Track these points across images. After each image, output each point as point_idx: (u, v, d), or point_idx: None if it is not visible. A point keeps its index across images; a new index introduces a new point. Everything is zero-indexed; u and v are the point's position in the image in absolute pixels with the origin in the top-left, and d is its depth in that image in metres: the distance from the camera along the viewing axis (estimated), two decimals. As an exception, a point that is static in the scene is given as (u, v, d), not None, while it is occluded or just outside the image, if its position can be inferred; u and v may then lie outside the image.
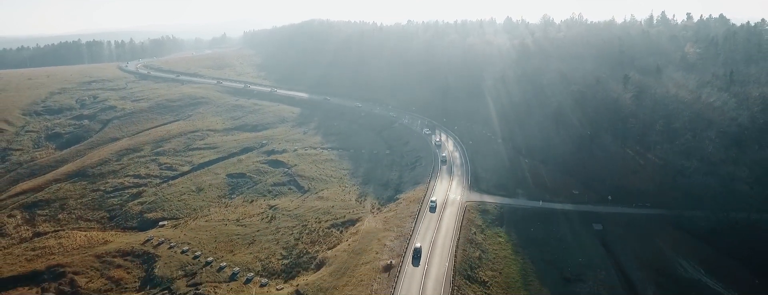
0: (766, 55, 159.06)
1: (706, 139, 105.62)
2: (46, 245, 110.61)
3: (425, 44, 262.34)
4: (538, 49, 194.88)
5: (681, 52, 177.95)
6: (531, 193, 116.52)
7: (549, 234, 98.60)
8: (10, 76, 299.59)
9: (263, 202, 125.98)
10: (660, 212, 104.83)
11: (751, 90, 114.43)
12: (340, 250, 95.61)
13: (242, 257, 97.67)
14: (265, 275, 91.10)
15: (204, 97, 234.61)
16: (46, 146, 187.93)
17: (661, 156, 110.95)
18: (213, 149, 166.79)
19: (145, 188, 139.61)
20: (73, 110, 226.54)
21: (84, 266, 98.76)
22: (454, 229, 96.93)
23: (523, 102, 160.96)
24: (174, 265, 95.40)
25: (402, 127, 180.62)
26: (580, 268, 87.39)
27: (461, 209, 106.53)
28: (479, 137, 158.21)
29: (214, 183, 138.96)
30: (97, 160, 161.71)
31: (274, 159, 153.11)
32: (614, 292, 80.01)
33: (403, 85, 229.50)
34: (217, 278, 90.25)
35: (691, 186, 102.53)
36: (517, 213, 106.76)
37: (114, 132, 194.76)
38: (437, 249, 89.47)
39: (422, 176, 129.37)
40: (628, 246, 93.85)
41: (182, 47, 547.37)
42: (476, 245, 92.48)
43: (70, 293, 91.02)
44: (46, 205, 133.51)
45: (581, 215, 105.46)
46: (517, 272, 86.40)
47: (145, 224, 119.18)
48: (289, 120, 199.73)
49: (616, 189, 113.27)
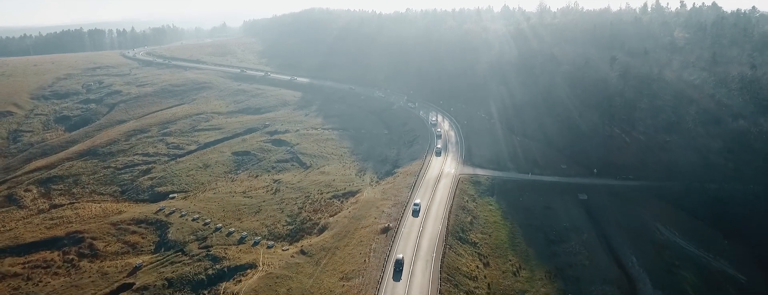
0: (750, 38, 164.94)
1: (687, 115, 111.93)
2: (63, 215, 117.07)
3: (423, 31, 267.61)
4: (532, 34, 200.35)
5: (670, 37, 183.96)
6: (521, 167, 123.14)
7: (536, 203, 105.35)
8: (16, 62, 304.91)
9: (268, 177, 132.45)
10: (642, 183, 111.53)
11: (731, 69, 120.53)
12: (341, 217, 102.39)
13: (249, 223, 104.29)
14: (272, 238, 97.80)
15: (207, 82, 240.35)
16: (55, 128, 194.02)
17: (643, 132, 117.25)
18: (218, 130, 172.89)
19: (154, 165, 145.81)
20: (79, 95, 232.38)
21: (101, 232, 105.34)
22: (448, 197, 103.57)
23: (517, 84, 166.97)
24: (186, 230, 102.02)
25: (400, 109, 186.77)
26: (563, 231, 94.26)
27: (455, 180, 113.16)
28: (474, 118, 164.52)
29: (220, 160, 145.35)
30: (107, 140, 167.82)
31: (277, 139, 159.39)
32: (594, 251, 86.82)
33: (401, 71, 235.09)
34: (227, 242, 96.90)
35: (671, 159, 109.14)
36: (508, 184, 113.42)
37: (121, 115, 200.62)
38: (432, 214, 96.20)
39: (419, 152, 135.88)
40: (610, 213, 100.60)
41: (183, 36, 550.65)
42: (468, 211, 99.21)
43: (89, 255, 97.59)
44: (60, 180, 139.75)
45: (568, 187, 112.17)
46: (505, 235, 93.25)
47: (155, 196, 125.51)
48: (290, 103, 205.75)
49: (601, 164, 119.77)
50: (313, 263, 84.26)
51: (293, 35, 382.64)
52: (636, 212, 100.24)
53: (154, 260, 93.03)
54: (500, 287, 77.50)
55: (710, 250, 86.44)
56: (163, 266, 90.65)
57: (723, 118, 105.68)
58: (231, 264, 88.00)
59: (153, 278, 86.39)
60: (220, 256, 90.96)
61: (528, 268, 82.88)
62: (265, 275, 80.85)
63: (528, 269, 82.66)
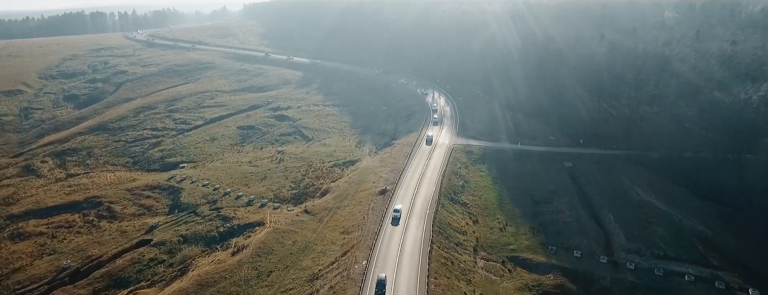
0: (737, 18, 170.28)
1: (668, 87, 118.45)
2: (80, 183, 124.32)
3: (422, 12, 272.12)
4: (528, 14, 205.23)
5: (661, 17, 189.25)
6: (512, 138, 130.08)
7: (525, 170, 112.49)
8: (22, 44, 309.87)
9: (272, 148, 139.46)
10: (624, 152, 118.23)
11: (713, 45, 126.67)
12: (341, 182, 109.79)
13: (256, 189, 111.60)
14: (277, 201, 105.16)
15: (210, 62, 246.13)
16: (64, 106, 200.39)
17: (627, 104, 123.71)
18: (222, 107, 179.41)
19: (163, 138, 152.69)
20: (86, 74, 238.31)
21: (117, 197, 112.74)
22: (442, 164, 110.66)
23: (511, 63, 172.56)
24: (197, 195, 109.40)
25: (398, 87, 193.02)
26: (548, 194, 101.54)
27: (449, 150, 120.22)
28: (469, 94, 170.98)
29: (226, 134, 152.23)
30: (116, 116, 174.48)
31: (280, 114, 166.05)
32: (575, 210, 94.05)
33: (401, 52, 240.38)
34: (236, 204, 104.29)
35: (652, 129, 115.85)
36: (498, 154, 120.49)
37: (127, 93, 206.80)
38: (426, 179, 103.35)
39: (415, 125, 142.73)
40: (592, 178, 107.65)
41: (183, 20, 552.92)
42: (460, 176, 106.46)
43: (108, 217, 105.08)
44: (74, 153, 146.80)
45: (555, 155, 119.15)
46: (494, 197, 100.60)
47: (166, 166, 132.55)
48: (292, 82, 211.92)
49: (588, 135, 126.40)
50: (317, 221, 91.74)
51: (293, 18, 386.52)
52: (616, 177, 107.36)
53: (168, 221, 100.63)
54: (487, 241, 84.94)
55: (682, 209, 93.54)
56: (177, 225, 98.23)
57: (701, 90, 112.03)
58: (240, 222, 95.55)
59: (169, 235, 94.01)
60: (230, 216, 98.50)
61: (513, 225, 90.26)
62: (272, 231, 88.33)
63: (513, 225, 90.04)
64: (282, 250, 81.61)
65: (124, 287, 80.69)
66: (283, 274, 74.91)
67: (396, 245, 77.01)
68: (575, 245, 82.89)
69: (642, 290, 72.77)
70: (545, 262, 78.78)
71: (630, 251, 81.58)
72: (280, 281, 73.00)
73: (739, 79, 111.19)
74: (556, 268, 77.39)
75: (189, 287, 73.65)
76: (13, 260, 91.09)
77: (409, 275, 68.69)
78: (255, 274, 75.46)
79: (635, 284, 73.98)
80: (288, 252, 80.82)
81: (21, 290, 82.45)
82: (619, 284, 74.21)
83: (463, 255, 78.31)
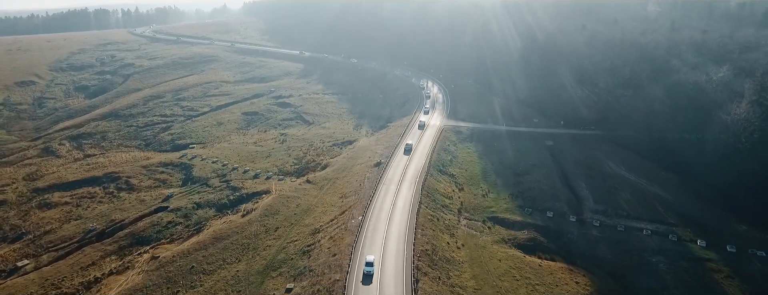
0: (715, 12, 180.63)
1: (641, 72, 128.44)
2: (97, 161, 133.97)
3: (419, 7, 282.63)
4: (519, 8, 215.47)
5: (644, 11, 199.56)
6: (499, 121, 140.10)
7: (509, 147, 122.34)
8: (30, 39, 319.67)
9: (275, 131, 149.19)
10: (601, 132, 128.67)
11: (684, 34, 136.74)
12: (340, 158, 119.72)
13: (262, 164, 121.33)
14: (282, 174, 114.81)
15: (214, 56, 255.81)
16: (75, 96, 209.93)
17: (604, 88, 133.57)
18: (227, 96, 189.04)
19: (172, 123, 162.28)
20: (94, 67, 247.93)
21: (134, 172, 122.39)
22: (432, 142, 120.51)
23: (500, 54, 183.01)
24: (207, 170, 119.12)
25: (394, 77, 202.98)
26: (529, 167, 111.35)
27: (439, 130, 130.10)
28: (460, 83, 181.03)
29: (232, 119, 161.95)
30: (126, 104, 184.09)
31: (282, 102, 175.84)
32: (551, 180, 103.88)
33: (397, 45, 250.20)
34: (244, 177, 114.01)
35: (626, 112, 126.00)
36: (485, 133, 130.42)
37: (135, 84, 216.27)
38: (417, 154, 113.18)
39: (409, 110, 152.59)
40: (570, 154, 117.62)
41: (184, 17, 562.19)
42: (449, 152, 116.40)
43: (127, 189, 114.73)
44: (89, 136, 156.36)
45: (537, 135, 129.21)
46: (479, 170, 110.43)
47: (176, 147, 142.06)
48: (293, 73, 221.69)
49: (568, 118, 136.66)
50: (318, 189, 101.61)
51: (293, 14, 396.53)
52: (592, 153, 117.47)
53: (182, 191, 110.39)
54: (470, 205, 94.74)
55: (648, 179, 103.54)
56: (190, 194, 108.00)
57: (669, 74, 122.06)
58: (248, 191, 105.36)
59: (184, 203, 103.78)
60: (239, 186, 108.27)
61: (495, 192, 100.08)
62: (278, 196, 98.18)
63: (495, 192, 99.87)
64: (287, 211, 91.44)
65: (147, 244, 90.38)
66: (288, 229, 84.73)
67: (389, 205, 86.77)
68: (549, 208, 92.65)
69: (604, 242, 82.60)
70: (521, 221, 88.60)
71: (597, 212, 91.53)
72: (286, 235, 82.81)
73: (707, 64, 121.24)
74: (530, 225, 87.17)
75: (206, 240, 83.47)
76: (43, 224, 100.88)
77: (400, 227, 78.52)
78: (263, 230, 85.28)
79: (598, 237, 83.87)
80: (292, 213, 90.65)
81: (54, 247, 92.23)
82: (585, 237, 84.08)
83: (448, 215, 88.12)
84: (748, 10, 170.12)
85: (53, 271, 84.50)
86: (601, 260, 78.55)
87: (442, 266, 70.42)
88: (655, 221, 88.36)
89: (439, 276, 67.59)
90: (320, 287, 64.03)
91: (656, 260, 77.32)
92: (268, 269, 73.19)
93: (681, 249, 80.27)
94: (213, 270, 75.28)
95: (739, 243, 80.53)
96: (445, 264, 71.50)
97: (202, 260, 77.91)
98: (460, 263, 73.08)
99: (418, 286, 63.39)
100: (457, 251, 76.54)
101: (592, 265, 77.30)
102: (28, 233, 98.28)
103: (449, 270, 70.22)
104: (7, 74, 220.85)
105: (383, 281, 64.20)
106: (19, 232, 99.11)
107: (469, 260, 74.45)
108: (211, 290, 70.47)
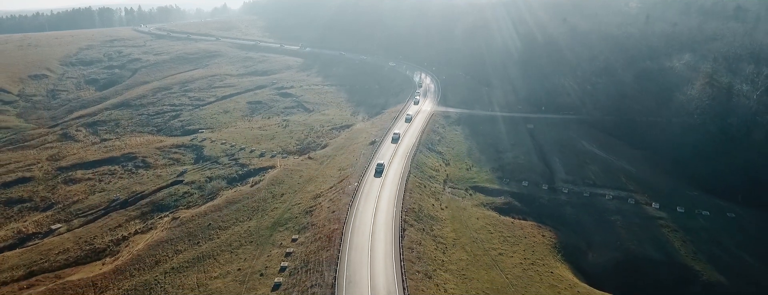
0: (691, 8, 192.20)
1: (616, 61, 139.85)
2: (114, 144, 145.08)
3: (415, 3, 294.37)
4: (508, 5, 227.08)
5: (627, 7, 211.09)
6: (485, 107, 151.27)
7: (493, 129, 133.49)
8: (38, 36, 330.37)
9: (278, 118, 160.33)
10: (577, 117, 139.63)
11: (656, 27, 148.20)
12: (338, 139, 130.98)
13: (266, 145, 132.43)
14: (285, 153, 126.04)
15: (217, 51, 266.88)
16: (86, 88, 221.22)
17: (581, 76, 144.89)
18: (232, 87, 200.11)
19: (181, 112, 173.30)
20: (102, 62, 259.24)
21: (149, 153, 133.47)
22: (423, 125, 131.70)
23: (488, 47, 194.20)
24: (217, 150, 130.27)
25: (390, 70, 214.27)
26: (510, 146, 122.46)
27: (430, 115, 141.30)
28: (451, 74, 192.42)
29: (237, 107, 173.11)
30: (136, 95, 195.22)
31: (284, 92, 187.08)
32: (529, 156, 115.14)
33: (394, 40, 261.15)
34: (251, 156, 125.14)
35: (601, 96, 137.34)
36: (472, 118, 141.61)
37: (143, 77, 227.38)
38: (408, 135, 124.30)
39: (403, 99, 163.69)
40: (548, 135, 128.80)
41: (185, 17, 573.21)
42: (438, 133, 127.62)
43: (144, 167, 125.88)
44: (104, 124, 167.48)
45: (519, 119, 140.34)
46: (464, 148, 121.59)
47: (186, 132, 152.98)
48: (293, 67, 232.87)
49: (549, 104, 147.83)
50: (318, 164, 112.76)
51: (293, 13, 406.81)
52: (568, 134, 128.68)
53: (195, 168, 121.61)
54: (455, 176, 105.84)
55: (616, 155, 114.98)
56: (203, 170, 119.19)
57: (638, 61, 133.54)
58: (255, 167, 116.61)
59: (197, 177, 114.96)
60: (247, 163, 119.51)
61: (478, 166, 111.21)
62: (283, 170, 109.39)
63: (478, 166, 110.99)
64: (291, 181, 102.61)
65: (166, 210, 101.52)
66: (293, 195, 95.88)
67: (382, 174, 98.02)
68: (524, 178, 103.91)
69: (570, 205, 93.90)
70: (499, 189, 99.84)
71: (567, 181, 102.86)
72: (291, 199, 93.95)
73: (672, 53, 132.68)
74: (506, 192, 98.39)
75: (220, 204, 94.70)
76: (71, 196, 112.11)
77: (391, 191, 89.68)
78: (271, 195, 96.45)
79: (566, 201, 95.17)
80: (296, 182, 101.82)
81: (83, 214, 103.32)
82: (554, 202, 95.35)
83: (434, 184, 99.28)
84: (721, 6, 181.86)
85: (85, 232, 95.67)
86: (567, 219, 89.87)
87: (427, 221, 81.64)
88: (618, 188, 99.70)
89: (424, 228, 78.84)
90: (321, 235, 75.21)
91: (614, 218, 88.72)
92: (276, 225, 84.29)
93: (637, 210, 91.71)
94: (228, 226, 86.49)
95: (689, 205, 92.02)
96: (430, 220, 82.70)
97: (218, 218, 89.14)
98: (443, 220, 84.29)
99: (405, 234, 74.57)
100: (440, 211, 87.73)
101: (558, 223, 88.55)
102: (57, 203, 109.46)
103: (433, 224, 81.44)
104: (20, 68, 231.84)
105: (375, 230, 75.40)
106: (50, 202, 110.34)
107: (451, 218, 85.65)
108: (227, 241, 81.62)
